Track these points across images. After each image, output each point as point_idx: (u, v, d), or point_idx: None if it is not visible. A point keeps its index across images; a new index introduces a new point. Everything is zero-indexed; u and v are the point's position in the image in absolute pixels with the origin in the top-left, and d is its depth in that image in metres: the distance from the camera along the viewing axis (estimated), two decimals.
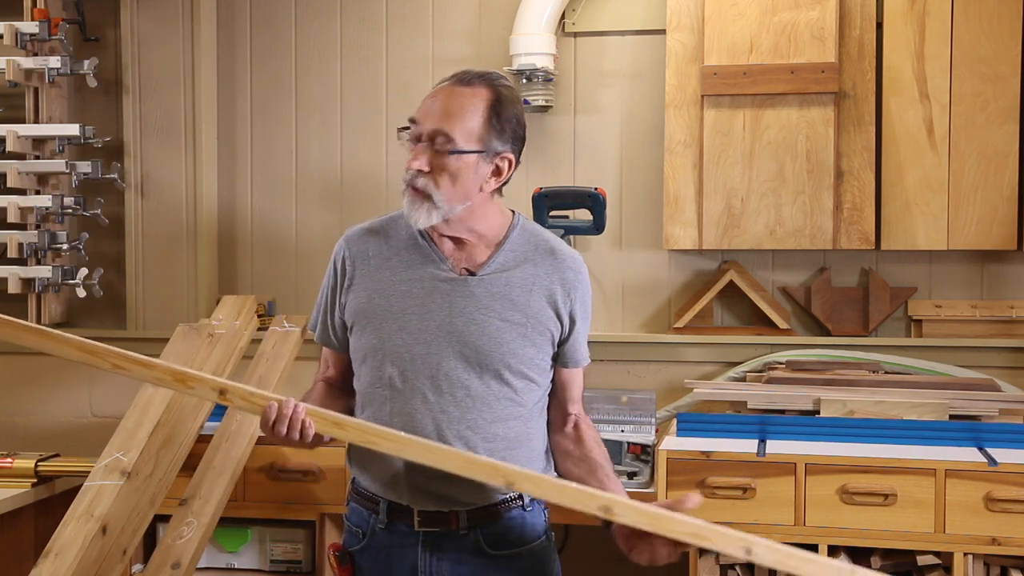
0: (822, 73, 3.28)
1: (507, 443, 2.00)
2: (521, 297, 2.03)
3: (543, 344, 2.04)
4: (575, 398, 2.14)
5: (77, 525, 2.59)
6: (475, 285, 2.02)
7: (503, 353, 2.00)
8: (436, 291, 2.02)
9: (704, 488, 2.82)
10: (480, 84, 1.99)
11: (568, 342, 2.08)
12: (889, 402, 3.02)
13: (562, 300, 2.06)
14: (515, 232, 2.08)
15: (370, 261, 2.08)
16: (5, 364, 3.81)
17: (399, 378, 2.01)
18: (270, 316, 3.50)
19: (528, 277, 2.04)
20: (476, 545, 2.03)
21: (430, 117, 1.97)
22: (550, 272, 2.06)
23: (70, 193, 3.61)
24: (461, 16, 3.62)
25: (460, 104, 1.97)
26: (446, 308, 2.01)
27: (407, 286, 2.04)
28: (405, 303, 2.02)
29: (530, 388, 2.05)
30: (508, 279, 2.03)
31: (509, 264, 2.05)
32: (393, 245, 2.08)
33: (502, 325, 2.00)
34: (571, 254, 2.10)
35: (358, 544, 2.09)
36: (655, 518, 1.83)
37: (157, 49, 3.69)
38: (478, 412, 2.00)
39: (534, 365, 2.04)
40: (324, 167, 3.72)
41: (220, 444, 3.03)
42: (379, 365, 2.03)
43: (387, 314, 2.03)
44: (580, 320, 2.09)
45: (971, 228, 3.29)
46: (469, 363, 2.00)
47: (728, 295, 3.47)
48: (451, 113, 1.96)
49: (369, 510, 2.08)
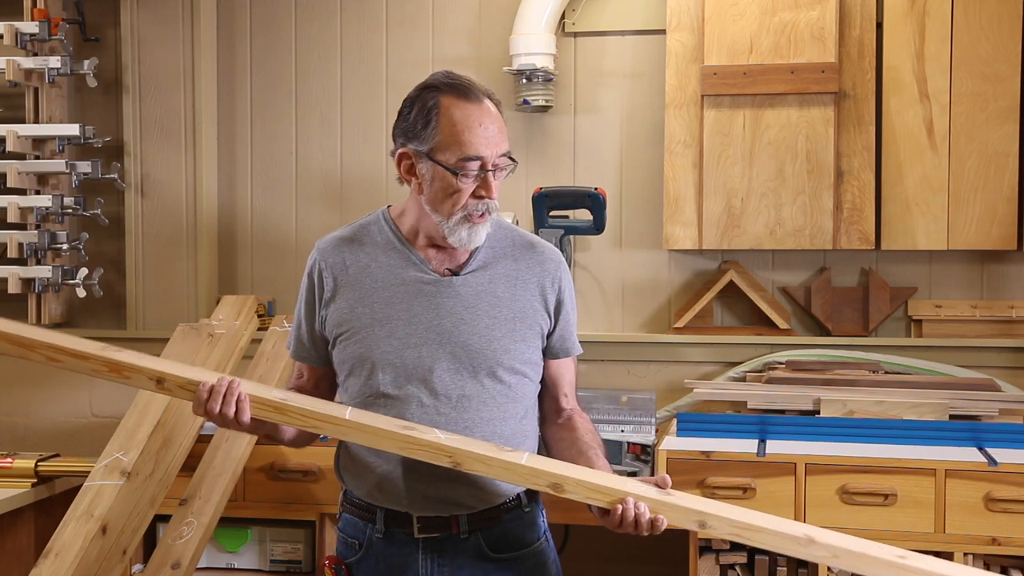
0: (822, 73, 3.28)
1: (505, 441, 1.99)
2: (506, 293, 2.02)
3: (532, 338, 2.04)
4: (567, 392, 2.13)
5: (77, 525, 2.59)
6: (460, 285, 2.01)
7: (495, 351, 1.99)
8: (421, 294, 2.00)
9: (704, 488, 2.83)
10: (489, 100, 1.98)
11: (555, 333, 2.08)
12: (889, 402, 3.02)
13: (548, 292, 2.06)
14: (492, 230, 2.06)
15: (348, 270, 2.05)
16: (5, 364, 3.80)
17: (392, 385, 1.99)
18: (270, 316, 3.50)
19: (511, 272, 2.04)
20: (477, 549, 2.01)
21: (499, 144, 1.95)
22: (532, 265, 2.06)
23: (70, 193, 3.61)
24: (461, 16, 3.62)
25: (496, 116, 1.97)
26: (433, 310, 1.99)
27: (390, 292, 2.01)
28: (390, 309, 2.00)
29: (523, 383, 2.04)
30: (491, 276, 2.03)
31: (489, 261, 2.04)
32: (369, 252, 2.05)
33: (491, 322, 2.00)
34: (550, 247, 2.11)
35: (355, 555, 2.06)
36: (606, 492, 1.85)
37: (157, 49, 3.70)
38: (475, 412, 1.99)
39: (525, 360, 2.03)
40: (324, 167, 3.72)
41: (220, 444, 3.03)
42: (368, 374, 2.00)
43: (372, 322, 2.00)
44: (566, 310, 2.09)
45: (971, 228, 3.29)
46: (461, 363, 1.98)
47: (728, 295, 3.47)
48: (500, 128, 1.97)
49: (365, 520, 2.05)
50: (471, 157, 1.93)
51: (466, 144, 1.92)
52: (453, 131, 1.93)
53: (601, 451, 2.06)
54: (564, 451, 2.07)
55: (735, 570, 2.91)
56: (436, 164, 1.94)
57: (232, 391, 1.87)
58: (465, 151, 1.93)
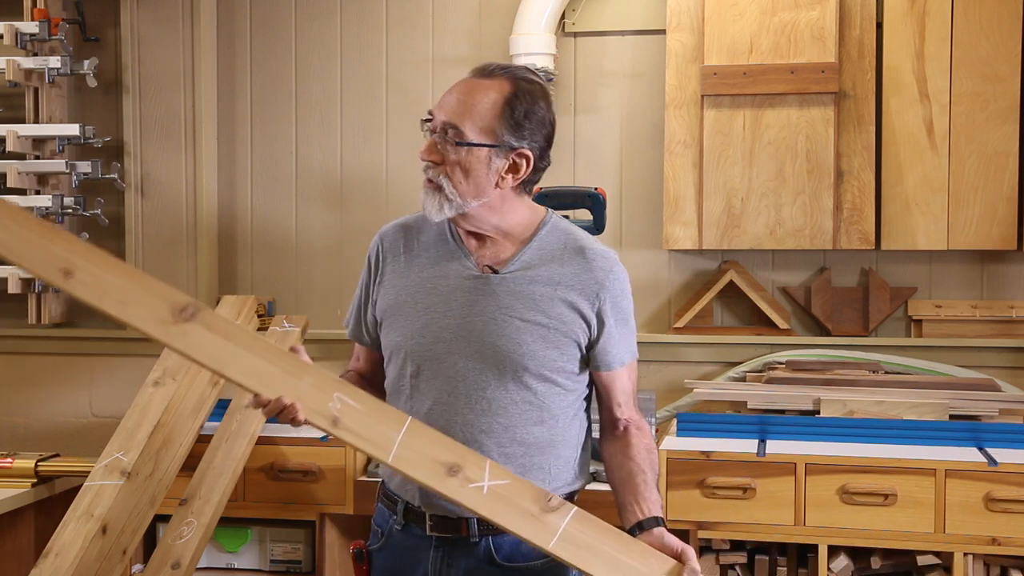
0: (822, 73, 3.28)
1: (526, 449, 1.94)
2: (544, 297, 1.95)
3: (567, 347, 1.96)
4: (621, 402, 2.03)
5: (77, 525, 2.59)
6: (497, 284, 1.96)
7: (522, 355, 1.92)
8: (460, 289, 1.97)
9: (704, 488, 2.83)
10: (501, 76, 1.94)
11: (599, 344, 1.98)
12: (889, 402, 3.02)
13: (589, 300, 1.96)
14: (544, 230, 2.01)
15: (400, 257, 2.04)
16: (5, 364, 3.81)
17: (417, 377, 1.97)
18: (270, 316, 3.49)
19: (553, 276, 1.96)
20: (487, 555, 1.97)
21: (443, 109, 1.94)
22: (578, 271, 1.97)
23: (70, 193, 3.61)
24: (461, 16, 3.62)
25: (474, 97, 1.92)
26: (467, 307, 1.95)
27: (433, 283, 1.99)
28: (429, 300, 1.98)
29: (555, 392, 1.97)
30: (532, 277, 1.96)
31: (534, 262, 1.97)
32: (423, 241, 2.04)
33: (522, 325, 1.93)
34: (602, 252, 2.01)
35: (377, 543, 2.07)
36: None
37: (157, 49, 3.69)
38: (493, 416, 1.93)
39: (557, 368, 1.95)
40: (324, 167, 3.72)
41: (220, 444, 3.02)
42: (401, 363, 1.99)
43: (412, 312, 1.98)
44: (612, 320, 1.98)
45: (971, 228, 3.29)
46: (487, 364, 1.93)
47: (728, 295, 3.47)
48: (464, 105, 1.92)
49: (391, 510, 2.04)
50: (428, 114, 1.96)
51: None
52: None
53: (652, 476, 1.97)
54: (614, 471, 2.01)
55: (735, 570, 2.91)
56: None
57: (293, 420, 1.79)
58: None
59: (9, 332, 3.77)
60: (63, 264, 1.78)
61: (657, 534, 1.86)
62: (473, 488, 1.79)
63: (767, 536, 2.84)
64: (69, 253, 1.79)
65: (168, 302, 1.79)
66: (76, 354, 3.75)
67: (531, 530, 1.80)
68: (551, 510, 1.81)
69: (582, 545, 1.81)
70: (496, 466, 1.82)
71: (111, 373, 3.73)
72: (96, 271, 1.79)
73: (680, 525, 2.82)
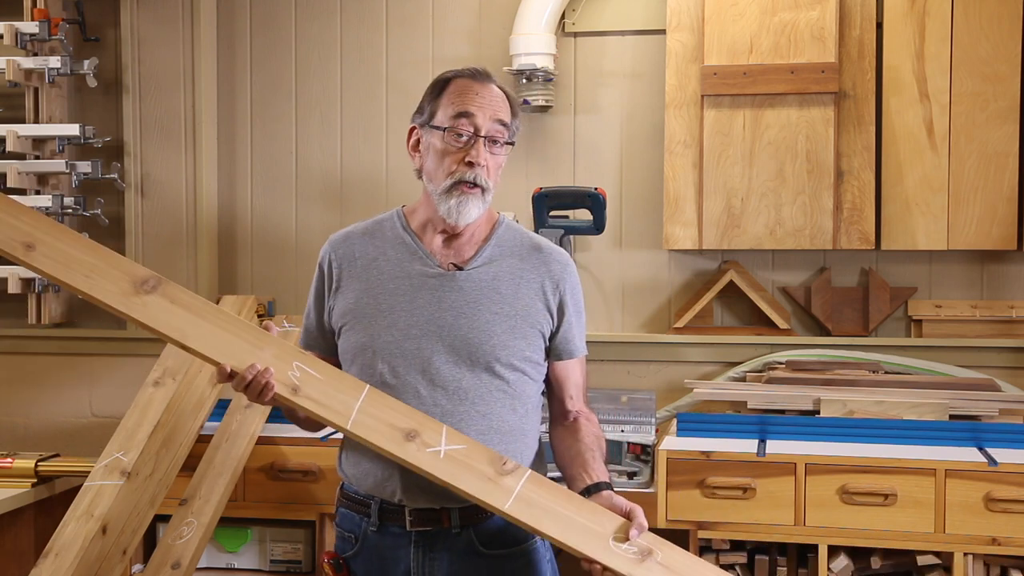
0: (822, 73, 3.28)
1: (502, 435, 2.01)
2: (509, 290, 2.04)
3: (533, 337, 2.05)
4: (573, 395, 2.14)
5: (77, 525, 2.59)
6: (463, 279, 2.04)
7: (493, 346, 2.01)
8: (424, 287, 2.03)
9: (704, 488, 2.82)
10: (492, 82, 2.04)
11: (559, 335, 2.09)
12: (889, 402, 3.02)
13: (551, 293, 2.07)
14: (500, 229, 2.11)
15: (356, 263, 2.09)
16: (5, 364, 3.81)
17: (390, 374, 2.01)
18: (270, 316, 3.50)
19: (515, 271, 2.06)
20: (469, 544, 2.02)
21: (488, 110, 2.00)
22: (537, 266, 2.08)
23: (70, 193, 3.61)
24: (461, 16, 3.62)
25: (501, 96, 2.03)
26: (435, 303, 2.02)
27: (395, 284, 2.05)
28: (393, 300, 2.04)
29: (523, 381, 2.05)
30: (496, 272, 2.05)
31: (495, 257, 2.07)
32: (379, 246, 2.10)
33: (491, 318, 2.02)
34: (557, 249, 2.13)
35: (351, 549, 2.08)
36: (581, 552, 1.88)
37: (157, 49, 3.70)
38: (471, 404, 2.00)
39: (524, 358, 2.04)
40: (324, 167, 3.72)
41: (220, 444, 3.03)
42: (369, 363, 2.03)
43: (376, 312, 2.04)
44: (570, 312, 2.10)
45: (971, 228, 3.29)
46: (460, 356, 2.00)
47: (728, 295, 3.47)
48: (500, 105, 2.02)
49: (360, 514, 2.07)
50: (462, 114, 1.99)
51: (458, 104, 1.99)
52: (452, 97, 2.01)
53: (600, 454, 2.06)
54: (563, 453, 2.09)
55: (735, 570, 2.91)
56: (433, 129, 2.01)
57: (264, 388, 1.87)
58: (457, 108, 1.99)
59: (9, 332, 3.77)
60: (25, 238, 1.84)
61: (606, 496, 1.96)
62: (430, 452, 1.89)
63: (767, 536, 2.84)
64: (33, 228, 1.86)
65: (130, 275, 1.88)
66: (76, 354, 3.75)
67: (487, 492, 1.89)
68: (506, 473, 1.91)
69: (536, 506, 1.90)
70: (453, 431, 1.93)
71: (111, 373, 3.73)
72: (60, 245, 1.87)
73: (680, 525, 2.83)
